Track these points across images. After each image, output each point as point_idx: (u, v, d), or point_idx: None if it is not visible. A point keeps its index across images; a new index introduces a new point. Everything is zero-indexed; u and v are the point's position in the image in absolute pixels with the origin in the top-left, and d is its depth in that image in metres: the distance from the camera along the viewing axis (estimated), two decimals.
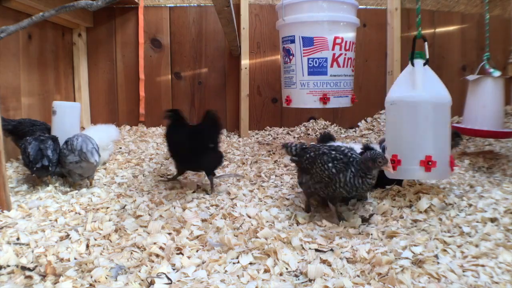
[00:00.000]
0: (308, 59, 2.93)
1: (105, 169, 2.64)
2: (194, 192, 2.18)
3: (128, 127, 4.03)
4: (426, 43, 1.96)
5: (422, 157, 1.84)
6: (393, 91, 1.99)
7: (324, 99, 2.95)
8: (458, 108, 3.82)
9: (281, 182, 2.40)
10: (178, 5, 4.05)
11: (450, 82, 4.27)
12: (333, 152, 1.72)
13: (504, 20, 4.37)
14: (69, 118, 2.56)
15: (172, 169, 2.59)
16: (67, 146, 2.14)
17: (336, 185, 1.67)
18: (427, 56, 1.94)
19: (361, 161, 1.64)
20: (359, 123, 4.21)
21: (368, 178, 1.64)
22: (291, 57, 3.03)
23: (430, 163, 1.83)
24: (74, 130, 2.57)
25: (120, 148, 3.25)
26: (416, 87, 1.91)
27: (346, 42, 2.95)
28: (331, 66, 2.93)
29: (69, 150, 2.12)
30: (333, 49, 2.92)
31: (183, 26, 4.06)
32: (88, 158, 2.06)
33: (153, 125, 4.09)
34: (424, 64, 1.94)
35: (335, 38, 2.89)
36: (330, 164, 1.68)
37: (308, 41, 2.92)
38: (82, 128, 3.81)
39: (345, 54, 2.97)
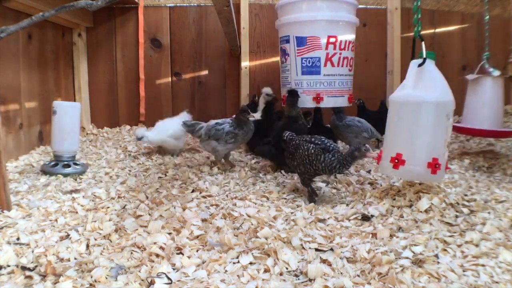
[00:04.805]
0: (302, 58, 2.93)
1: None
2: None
3: (128, 127, 4.03)
4: (423, 42, 1.95)
5: (428, 159, 1.83)
6: (399, 89, 1.99)
7: (317, 98, 2.94)
8: (457, 107, 3.80)
9: (283, 181, 2.40)
10: (178, 5, 4.05)
11: (450, 82, 4.29)
12: (313, 139, 2.07)
13: (504, 19, 4.37)
14: (69, 118, 2.55)
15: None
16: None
17: (318, 165, 1.99)
18: (424, 56, 1.93)
19: (348, 154, 1.94)
20: None
21: (346, 166, 1.96)
22: (286, 57, 3.03)
23: (437, 165, 1.82)
24: (74, 130, 2.58)
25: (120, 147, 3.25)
26: (405, 86, 1.93)
27: (340, 41, 2.92)
28: (325, 65, 2.92)
29: None
30: (326, 48, 2.90)
31: (183, 26, 4.06)
32: None
33: (153, 125, 4.06)
34: (420, 65, 1.93)
35: (329, 37, 2.87)
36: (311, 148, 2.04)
37: (301, 41, 2.92)
38: (82, 128, 3.82)
39: (340, 54, 2.93)
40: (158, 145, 3.14)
